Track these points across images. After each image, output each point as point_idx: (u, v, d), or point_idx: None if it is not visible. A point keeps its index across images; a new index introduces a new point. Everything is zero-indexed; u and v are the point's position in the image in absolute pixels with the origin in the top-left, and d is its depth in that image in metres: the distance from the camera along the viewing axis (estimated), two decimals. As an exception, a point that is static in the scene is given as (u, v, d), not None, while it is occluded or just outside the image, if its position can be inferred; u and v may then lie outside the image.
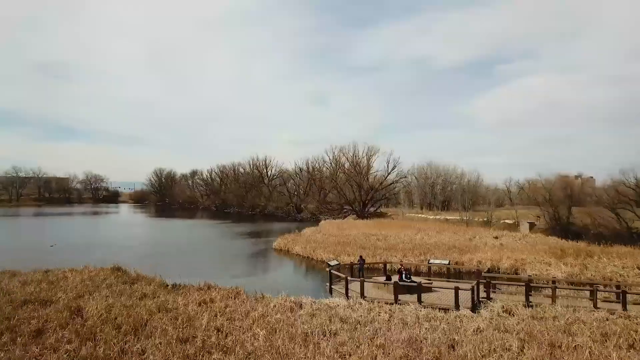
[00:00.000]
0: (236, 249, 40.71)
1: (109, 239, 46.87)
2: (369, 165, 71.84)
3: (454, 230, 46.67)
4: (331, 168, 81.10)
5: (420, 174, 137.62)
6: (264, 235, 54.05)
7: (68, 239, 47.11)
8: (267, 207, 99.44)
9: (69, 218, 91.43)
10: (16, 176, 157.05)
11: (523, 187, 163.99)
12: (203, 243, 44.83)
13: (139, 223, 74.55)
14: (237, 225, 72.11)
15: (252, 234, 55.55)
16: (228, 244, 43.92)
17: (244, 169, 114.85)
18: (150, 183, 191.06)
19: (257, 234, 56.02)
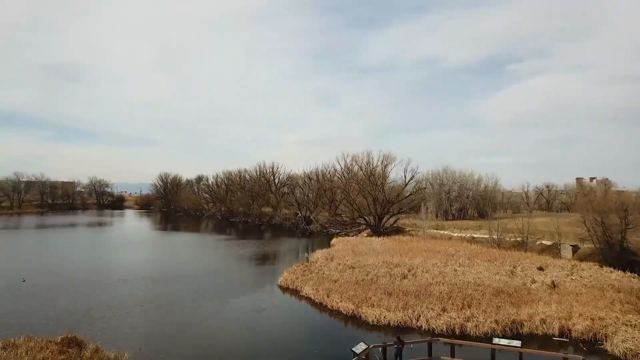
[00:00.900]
0: (237, 284, 34.79)
1: (99, 269, 41.28)
2: (384, 175, 65.55)
3: (487, 257, 40.32)
4: (343, 177, 74.85)
5: (435, 179, 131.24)
6: (270, 261, 48.07)
7: (50, 268, 41.57)
8: (275, 217, 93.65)
9: (68, 232, 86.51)
10: (17, 181, 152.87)
11: (542, 193, 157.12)
12: (203, 273, 38.89)
13: (139, 240, 69.00)
14: (241, 243, 66.34)
15: (256, 258, 49.61)
16: (229, 276, 37.90)
17: (250, 175, 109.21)
18: (155, 188, 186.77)
19: (262, 258, 50.03)
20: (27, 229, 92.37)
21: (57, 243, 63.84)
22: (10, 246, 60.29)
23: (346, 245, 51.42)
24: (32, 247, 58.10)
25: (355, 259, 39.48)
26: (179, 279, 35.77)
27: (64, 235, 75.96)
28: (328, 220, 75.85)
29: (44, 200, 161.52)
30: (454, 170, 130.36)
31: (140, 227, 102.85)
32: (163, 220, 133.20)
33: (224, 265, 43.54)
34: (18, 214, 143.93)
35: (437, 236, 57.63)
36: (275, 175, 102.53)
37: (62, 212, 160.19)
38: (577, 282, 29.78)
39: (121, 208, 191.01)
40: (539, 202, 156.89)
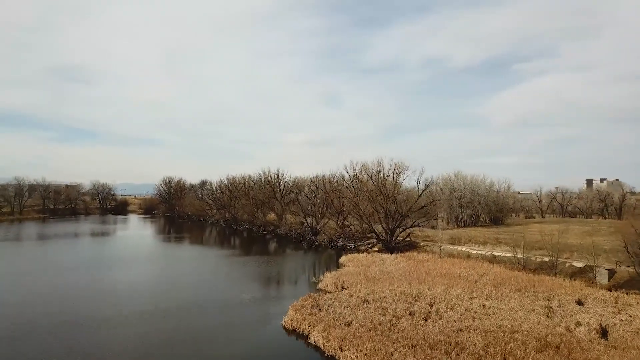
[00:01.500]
0: (236, 322, 30.90)
1: (87, 300, 37.67)
2: (396, 186, 61.42)
3: (515, 284, 36.13)
4: (352, 187, 70.80)
5: (445, 184, 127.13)
6: (274, 286, 44.06)
7: (28, 299, 38.01)
8: (280, 226, 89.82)
9: (68, 243, 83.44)
10: (19, 186, 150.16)
11: (556, 197, 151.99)
12: (201, 306, 35.05)
13: (140, 257, 65.39)
14: (245, 260, 62.60)
15: (260, 281, 45.66)
16: (229, 312, 33.90)
17: (254, 181, 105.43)
18: (159, 192, 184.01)
19: (266, 281, 46.09)
20: (27, 241, 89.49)
21: (51, 260, 60.37)
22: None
23: (357, 266, 47.41)
24: (22, 266, 54.60)
25: (369, 288, 35.46)
26: (174, 313, 31.92)
27: (61, 249, 72.72)
28: (336, 231, 71.87)
29: (45, 205, 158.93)
30: (465, 175, 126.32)
31: (143, 237, 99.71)
32: (166, 228, 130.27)
33: (224, 294, 39.63)
34: (19, 221, 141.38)
35: (454, 253, 53.41)
36: (280, 182, 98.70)
37: (65, 217, 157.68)
38: (631, 326, 25.60)
39: (125, 213, 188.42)
40: (551, 207, 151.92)
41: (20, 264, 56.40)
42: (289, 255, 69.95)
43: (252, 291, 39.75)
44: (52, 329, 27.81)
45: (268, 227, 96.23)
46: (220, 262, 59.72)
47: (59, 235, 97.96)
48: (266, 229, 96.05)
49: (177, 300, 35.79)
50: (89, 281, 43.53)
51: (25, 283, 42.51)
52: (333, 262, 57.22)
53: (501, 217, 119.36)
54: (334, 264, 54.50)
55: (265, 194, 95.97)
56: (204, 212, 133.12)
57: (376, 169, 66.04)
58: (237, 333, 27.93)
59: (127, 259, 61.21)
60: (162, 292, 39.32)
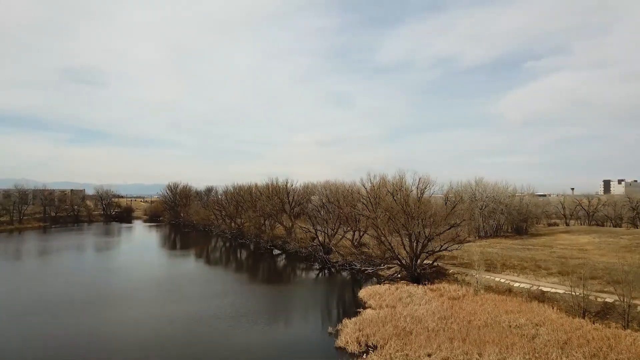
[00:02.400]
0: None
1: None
2: (421, 204, 53.97)
3: (585, 346, 28.50)
4: (369, 203, 63.43)
5: (464, 191, 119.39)
6: (282, 331, 36.62)
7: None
8: (289, 242, 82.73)
9: (68, 259, 78.03)
10: (18, 194, 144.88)
11: (581, 204, 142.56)
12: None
13: (140, 278, 59.27)
14: (250, 287, 55.69)
15: (267, 322, 38.35)
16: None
17: (261, 191, 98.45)
18: (164, 198, 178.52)
19: (273, 321, 38.73)
20: (25, 256, 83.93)
21: (44, 285, 54.01)
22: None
23: (381, 306, 39.93)
24: (10, 295, 48.11)
25: (401, 350, 28.13)
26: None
27: (58, 267, 66.86)
28: (351, 251, 64.59)
29: (47, 212, 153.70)
30: (487, 182, 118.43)
31: (147, 249, 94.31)
32: (171, 238, 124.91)
33: (222, 345, 32.50)
34: (19, 231, 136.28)
35: (491, 284, 45.76)
36: (289, 193, 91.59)
37: (67, 225, 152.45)
38: None
39: (129, 220, 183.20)
40: (576, 213, 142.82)
41: (12, 294, 49.96)
42: (300, 280, 62.87)
43: (257, 337, 32.55)
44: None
45: (276, 241, 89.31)
46: (224, 289, 52.86)
47: (56, 250, 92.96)
48: (274, 243, 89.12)
49: (169, 348, 28.76)
50: (80, 321, 36.69)
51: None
52: (350, 295, 49.97)
53: (525, 226, 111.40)
54: (352, 298, 47.20)
55: (273, 205, 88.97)
56: (210, 221, 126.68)
57: (398, 183, 58.51)
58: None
59: (129, 280, 55.26)
60: (157, 337, 32.29)
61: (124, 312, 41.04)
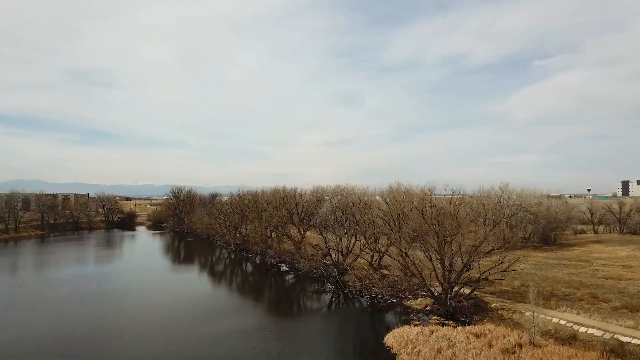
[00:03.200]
0: None
1: None
2: (457, 223, 45.25)
3: None
4: (391, 220, 54.63)
5: (490, 200, 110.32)
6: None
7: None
8: (298, 258, 74.32)
9: (64, 277, 70.71)
10: (14, 200, 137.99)
11: (611, 209, 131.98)
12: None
13: (137, 304, 51.54)
14: (255, 315, 47.32)
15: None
16: None
17: (267, 202, 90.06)
18: (168, 204, 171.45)
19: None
20: (19, 272, 76.83)
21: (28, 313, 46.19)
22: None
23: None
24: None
25: None
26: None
27: (45, 293, 59.28)
28: (370, 275, 55.99)
29: (45, 219, 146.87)
30: (512, 189, 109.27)
31: (146, 264, 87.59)
32: (172, 249, 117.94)
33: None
34: (15, 240, 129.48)
35: (550, 329, 36.81)
36: (298, 204, 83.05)
37: (66, 234, 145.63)
38: None
39: (132, 226, 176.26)
40: (604, 220, 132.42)
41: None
42: (310, 307, 54.54)
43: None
44: None
45: (284, 256, 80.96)
46: (224, 317, 44.76)
47: (66, 260, 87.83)
48: (281, 259, 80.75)
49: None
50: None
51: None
52: (372, 335, 41.46)
53: (553, 235, 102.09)
54: (375, 341, 38.64)
55: (280, 217, 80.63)
56: (214, 230, 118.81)
57: (426, 196, 49.72)
58: None
59: (124, 310, 47.44)
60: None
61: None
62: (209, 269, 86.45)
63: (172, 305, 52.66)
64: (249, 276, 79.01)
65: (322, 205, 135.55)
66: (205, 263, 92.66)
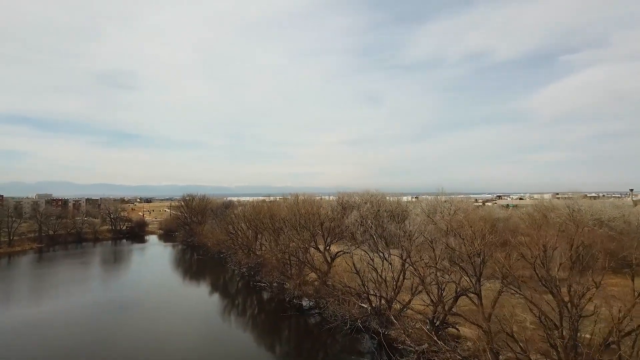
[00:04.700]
0: None
1: None
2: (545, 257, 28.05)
3: None
4: (467, 257, 37.29)
5: (555, 213, 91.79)
6: None
7: None
8: (325, 298, 57.75)
9: (58, 307, 56.37)
10: (8, 209, 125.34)
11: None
12: None
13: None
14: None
15: None
16: None
17: (285, 220, 73.39)
18: (179, 211, 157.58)
19: None
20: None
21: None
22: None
23: None
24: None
25: None
26: None
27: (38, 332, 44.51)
28: (428, 337, 39.02)
29: (43, 231, 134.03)
30: (580, 205, 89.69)
31: (148, 288, 78.07)
32: (179, 268, 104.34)
33: None
34: (8, 255, 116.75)
35: None
36: (324, 224, 66.12)
37: (67, 247, 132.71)
38: None
39: (142, 236, 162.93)
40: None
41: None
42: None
43: None
44: None
45: (307, 289, 64.54)
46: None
47: (64, 282, 79.39)
48: (303, 293, 64.28)
49: None
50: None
51: None
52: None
53: (633, 259, 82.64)
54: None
55: (301, 241, 64.19)
56: (226, 246, 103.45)
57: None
58: None
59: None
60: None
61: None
62: (218, 296, 71.90)
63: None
64: (261, 314, 63.26)
65: (349, 215, 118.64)
66: (214, 289, 78.15)
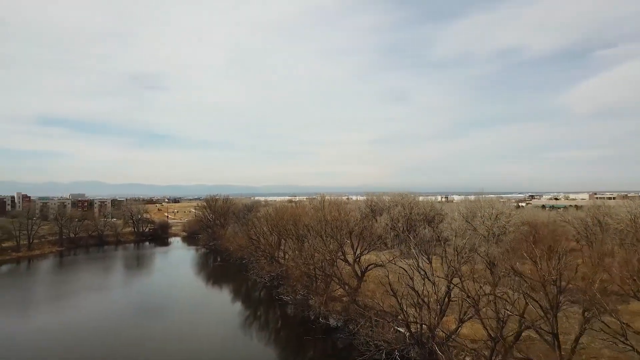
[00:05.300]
0: None
1: None
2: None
3: None
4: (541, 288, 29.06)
5: (612, 215, 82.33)
6: None
7: None
8: (354, 316, 50.28)
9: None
10: (27, 211, 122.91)
11: None
12: None
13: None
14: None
15: None
16: None
17: (308, 227, 66.24)
18: (202, 213, 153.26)
19: None
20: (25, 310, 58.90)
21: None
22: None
23: None
24: None
25: None
26: None
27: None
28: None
29: (63, 234, 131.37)
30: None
31: (172, 289, 76.35)
32: (200, 274, 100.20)
33: None
34: (28, 259, 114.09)
35: None
36: (352, 233, 58.56)
37: (88, 250, 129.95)
38: None
39: (165, 238, 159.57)
40: None
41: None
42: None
43: None
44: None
45: (333, 307, 57.25)
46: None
47: (85, 288, 76.95)
48: (329, 308, 56.98)
49: None
50: None
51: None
52: None
53: None
54: None
55: (327, 252, 56.92)
56: (248, 251, 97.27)
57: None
58: None
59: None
60: None
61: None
62: (234, 311, 66.00)
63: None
64: (284, 329, 56.79)
65: (379, 219, 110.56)
66: (232, 300, 72.97)
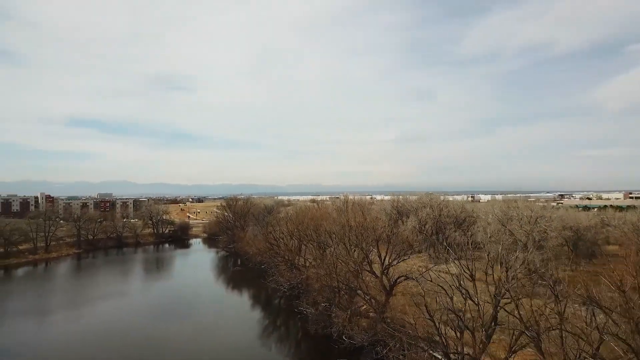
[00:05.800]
0: None
1: None
2: None
3: None
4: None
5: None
6: None
7: None
8: (384, 339, 44.08)
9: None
10: (44, 214, 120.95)
11: None
12: None
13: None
14: None
15: None
16: None
17: (330, 233, 60.27)
18: (220, 215, 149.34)
19: None
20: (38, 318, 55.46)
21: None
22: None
23: None
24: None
25: None
26: None
27: None
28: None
29: (81, 236, 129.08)
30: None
31: (190, 295, 73.94)
32: (222, 276, 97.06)
33: None
34: (45, 262, 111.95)
35: None
36: (379, 240, 52.25)
37: (107, 252, 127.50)
38: None
39: (185, 240, 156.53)
40: None
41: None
42: None
43: None
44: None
45: (358, 323, 51.14)
46: None
47: (102, 296, 74.07)
48: (353, 325, 50.89)
49: None
50: None
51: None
52: None
53: None
54: None
55: (353, 262, 50.86)
56: (267, 257, 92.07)
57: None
58: None
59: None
60: None
61: None
62: (253, 319, 61.62)
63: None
64: (305, 344, 51.95)
65: (406, 222, 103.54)
66: (250, 307, 68.97)
